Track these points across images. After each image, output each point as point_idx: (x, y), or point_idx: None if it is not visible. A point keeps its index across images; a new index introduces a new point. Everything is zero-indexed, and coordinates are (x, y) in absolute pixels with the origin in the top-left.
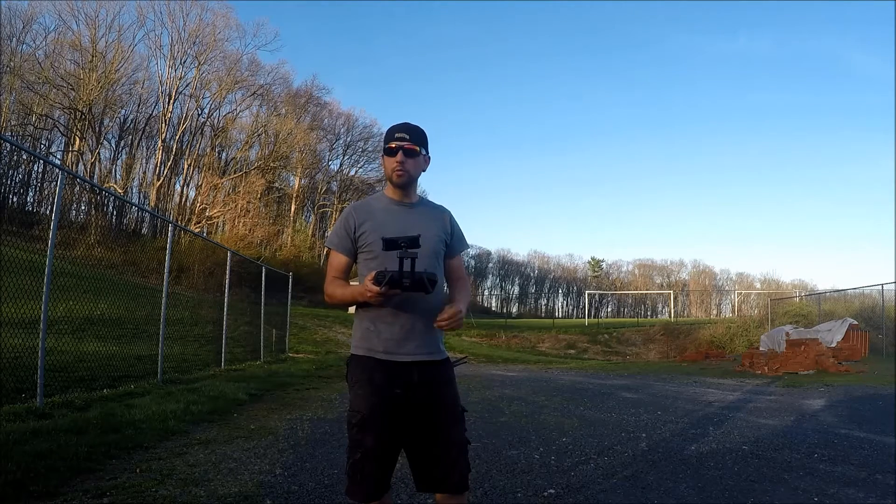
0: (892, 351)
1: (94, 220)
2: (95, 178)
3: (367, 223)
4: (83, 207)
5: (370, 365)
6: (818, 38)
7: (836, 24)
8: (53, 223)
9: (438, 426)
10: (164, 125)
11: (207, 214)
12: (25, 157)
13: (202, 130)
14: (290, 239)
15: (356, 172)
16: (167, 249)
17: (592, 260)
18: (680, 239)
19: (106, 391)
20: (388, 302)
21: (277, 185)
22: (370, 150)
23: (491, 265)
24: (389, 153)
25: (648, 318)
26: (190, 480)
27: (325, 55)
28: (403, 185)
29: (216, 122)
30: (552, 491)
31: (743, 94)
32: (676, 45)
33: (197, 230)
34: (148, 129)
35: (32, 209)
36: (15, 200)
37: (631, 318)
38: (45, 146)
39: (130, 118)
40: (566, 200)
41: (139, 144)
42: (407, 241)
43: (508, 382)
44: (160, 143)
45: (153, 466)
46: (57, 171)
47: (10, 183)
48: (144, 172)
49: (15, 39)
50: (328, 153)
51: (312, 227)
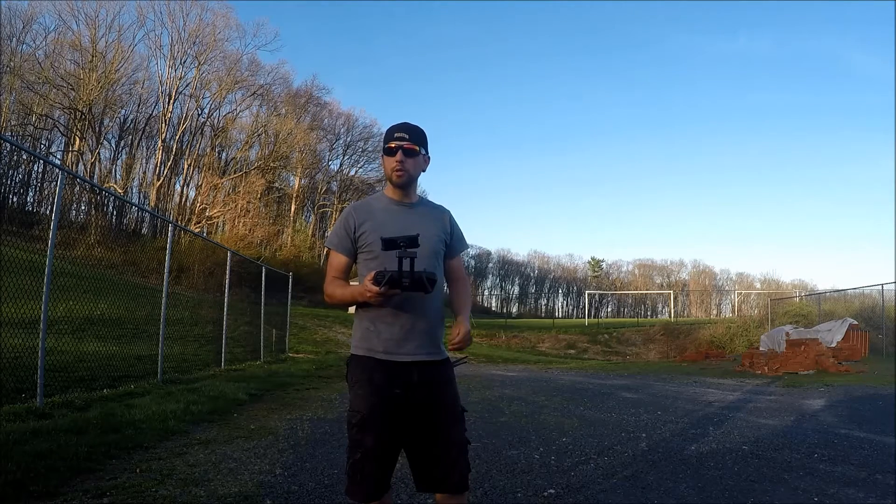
0: (892, 351)
1: (94, 220)
2: (95, 178)
3: (366, 223)
4: (83, 207)
5: (370, 365)
6: (818, 38)
7: (836, 24)
8: (53, 223)
9: (438, 426)
10: (164, 125)
11: (207, 214)
12: (25, 157)
13: (202, 130)
14: (290, 239)
15: (356, 172)
16: (167, 249)
17: (592, 260)
18: (680, 239)
19: (106, 391)
20: (387, 302)
21: (277, 185)
22: (370, 150)
23: (491, 265)
24: (389, 153)
25: (648, 318)
26: (190, 480)
27: (325, 55)
28: (403, 184)
29: (216, 122)
30: (552, 491)
31: (743, 94)
32: (676, 45)
33: (197, 230)
34: (148, 129)
35: (32, 209)
36: (15, 200)
37: (631, 318)
38: (45, 146)
39: (130, 118)
40: (566, 200)
41: (139, 144)
42: (406, 240)
43: (508, 382)
44: (160, 143)
45: (153, 466)
46: (57, 171)
47: (10, 183)
48: (144, 172)
49: (15, 39)
50: (328, 153)
51: (312, 227)
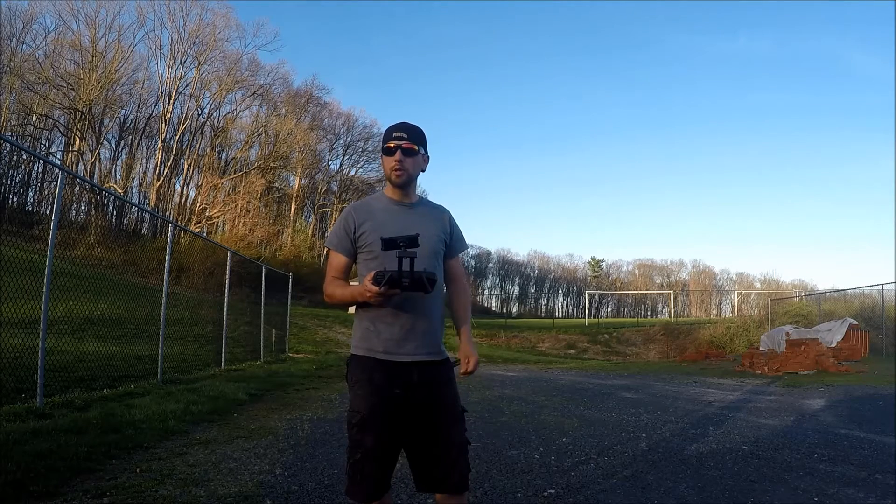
0: (892, 351)
1: (94, 220)
2: (95, 178)
3: (366, 223)
4: (83, 207)
5: (370, 365)
6: (818, 38)
7: (836, 24)
8: (53, 223)
9: (438, 426)
10: (164, 125)
11: (207, 214)
12: (25, 157)
13: (202, 130)
14: (290, 239)
15: (356, 172)
16: (167, 249)
17: (592, 260)
18: (680, 239)
19: (106, 391)
20: (387, 302)
21: (277, 185)
22: (370, 150)
23: (491, 265)
24: (388, 152)
25: (648, 318)
26: (190, 480)
27: (325, 55)
28: (402, 184)
29: (216, 122)
30: (552, 491)
31: (743, 94)
32: (676, 45)
33: (197, 230)
34: (148, 129)
35: (32, 209)
36: (15, 200)
37: (631, 318)
38: (45, 146)
39: (130, 118)
40: (566, 200)
41: (139, 144)
42: (406, 240)
43: (508, 382)
44: (160, 143)
45: (153, 466)
46: (57, 171)
47: (10, 183)
48: (144, 172)
49: (15, 39)
50: (328, 153)
51: (312, 227)
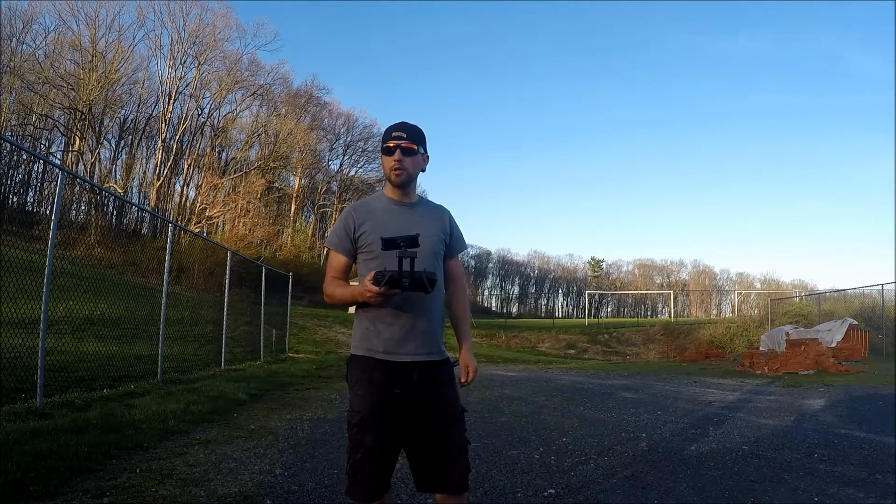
0: (892, 351)
1: (94, 220)
2: (95, 178)
3: (366, 223)
4: (83, 207)
5: (370, 365)
6: (818, 38)
7: (836, 24)
8: (53, 223)
9: (438, 426)
10: (164, 125)
11: (207, 214)
12: (25, 157)
13: (202, 130)
14: (290, 239)
15: (356, 172)
16: (167, 249)
17: (592, 260)
18: (680, 239)
19: (106, 391)
20: (387, 302)
21: (277, 185)
22: (370, 150)
23: (491, 265)
24: (387, 152)
25: (648, 318)
26: (190, 480)
27: (325, 55)
28: (402, 184)
29: (216, 122)
30: (552, 491)
31: (743, 94)
32: (676, 45)
33: (197, 230)
34: (148, 129)
35: (32, 209)
36: (15, 200)
37: (631, 318)
38: (45, 146)
39: (130, 118)
40: (566, 200)
41: (139, 144)
42: (406, 240)
43: (508, 382)
44: (160, 143)
45: (153, 466)
46: (57, 171)
47: (10, 183)
48: (144, 172)
49: (15, 39)
50: (328, 153)
51: (312, 227)
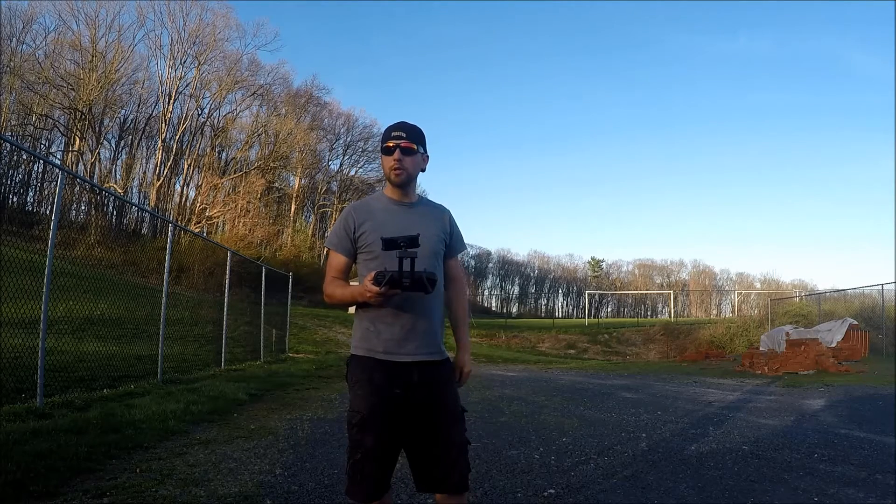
0: (892, 351)
1: (94, 220)
2: (95, 178)
3: (366, 223)
4: (83, 207)
5: (370, 365)
6: (818, 38)
7: (836, 24)
8: (53, 223)
9: (438, 426)
10: (164, 125)
11: (207, 214)
12: (25, 157)
13: (202, 130)
14: (290, 239)
15: (356, 172)
16: (167, 249)
17: (592, 260)
18: (680, 239)
19: (106, 391)
20: (388, 302)
21: (277, 185)
22: (370, 150)
23: (491, 265)
24: (387, 152)
25: (648, 318)
26: (190, 480)
27: (325, 55)
28: (402, 183)
29: (216, 122)
30: (552, 491)
31: (743, 94)
32: (676, 45)
33: (197, 230)
34: (148, 129)
35: (32, 209)
36: (15, 200)
37: (631, 318)
38: (45, 146)
39: (130, 118)
40: (566, 200)
41: (139, 144)
42: (406, 240)
43: (508, 382)
44: (160, 143)
45: (153, 466)
46: (57, 171)
47: (10, 183)
48: (144, 172)
49: (15, 39)
50: (328, 153)
51: (312, 227)
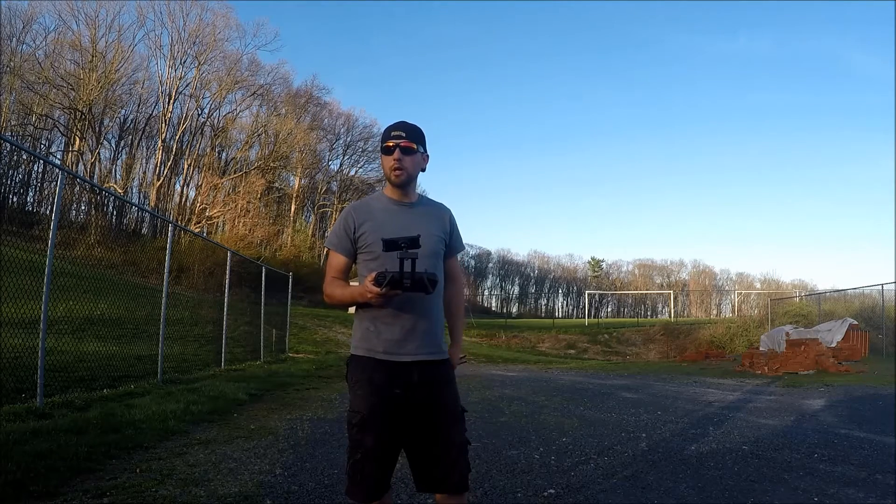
0: (892, 351)
1: (94, 220)
2: (95, 178)
3: (366, 223)
4: (83, 207)
5: (370, 365)
6: (818, 38)
7: (836, 24)
8: (53, 223)
9: (438, 426)
10: (164, 125)
11: (207, 214)
12: (25, 157)
13: (202, 130)
14: (290, 239)
15: (356, 172)
16: (167, 249)
17: (592, 260)
18: (680, 239)
19: (106, 391)
20: (389, 303)
21: (277, 185)
22: (370, 150)
23: (491, 265)
24: (386, 152)
25: (648, 318)
26: (190, 480)
27: (325, 55)
28: (402, 184)
29: (216, 122)
30: (552, 491)
31: (743, 94)
32: (676, 45)
33: (197, 230)
34: (148, 129)
35: (32, 209)
36: (15, 200)
37: (631, 318)
38: (45, 146)
39: (130, 118)
40: (566, 200)
41: (139, 144)
42: (407, 241)
43: (508, 382)
44: (160, 143)
45: (153, 466)
46: (57, 171)
47: (10, 183)
48: (144, 172)
49: (15, 39)
50: (328, 153)
51: (312, 227)
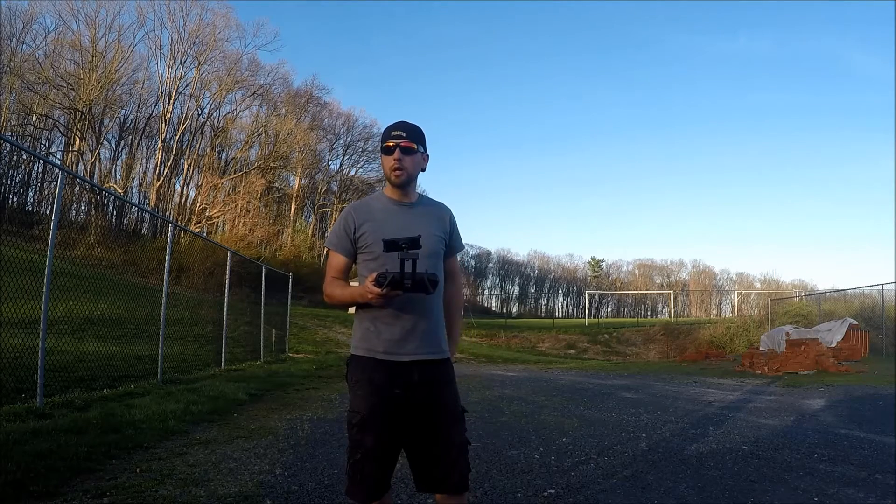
0: (892, 351)
1: (94, 220)
2: (95, 178)
3: (366, 224)
4: (83, 207)
5: (370, 365)
6: (818, 38)
7: (836, 24)
8: (53, 223)
9: (438, 426)
10: (164, 125)
11: (207, 214)
12: (25, 157)
13: (202, 130)
14: (290, 239)
15: (356, 172)
16: (167, 249)
17: (592, 260)
18: (680, 239)
19: (106, 391)
20: (389, 303)
21: (277, 185)
22: (370, 150)
23: (491, 265)
24: (386, 151)
25: (648, 318)
26: (190, 480)
27: (325, 55)
28: (402, 184)
29: (216, 122)
30: (552, 491)
31: (743, 94)
32: (676, 45)
33: (197, 230)
34: (148, 129)
35: (32, 209)
36: (15, 200)
37: (631, 318)
38: (45, 146)
39: (130, 118)
40: (566, 200)
41: (139, 144)
42: (408, 241)
43: (508, 382)
44: (160, 143)
45: (153, 466)
46: (57, 171)
47: (10, 183)
48: (144, 172)
49: (15, 39)
50: (328, 153)
51: (312, 227)
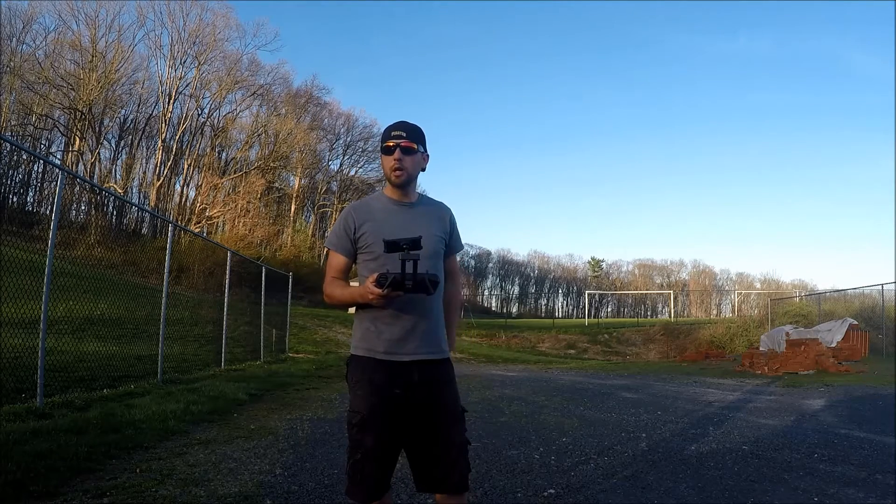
0: (892, 351)
1: (94, 220)
2: (95, 178)
3: (366, 224)
4: (83, 207)
5: (370, 365)
6: (818, 38)
7: (836, 24)
8: (53, 223)
9: (438, 426)
10: (164, 125)
11: (207, 214)
12: (25, 157)
13: (202, 130)
14: (290, 239)
15: (356, 172)
16: (167, 249)
17: (592, 260)
18: (680, 239)
19: (106, 391)
20: (390, 304)
21: (277, 185)
22: (370, 150)
23: (491, 265)
24: (386, 151)
25: (648, 318)
26: (190, 480)
27: (325, 55)
28: (402, 184)
29: (216, 122)
30: (552, 491)
31: (743, 94)
32: (676, 45)
33: (197, 230)
34: (148, 129)
35: (32, 209)
36: (15, 200)
37: (631, 318)
38: (45, 146)
39: (130, 118)
40: (566, 200)
41: (139, 144)
42: (409, 242)
43: (508, 382)
44: (160, 143)
45: (153, 466)
46: (57, 171)
47: (10, 183)
48: (144, 172)
49: (15, 39)
50: (328, 153)
51: (312, 227)
